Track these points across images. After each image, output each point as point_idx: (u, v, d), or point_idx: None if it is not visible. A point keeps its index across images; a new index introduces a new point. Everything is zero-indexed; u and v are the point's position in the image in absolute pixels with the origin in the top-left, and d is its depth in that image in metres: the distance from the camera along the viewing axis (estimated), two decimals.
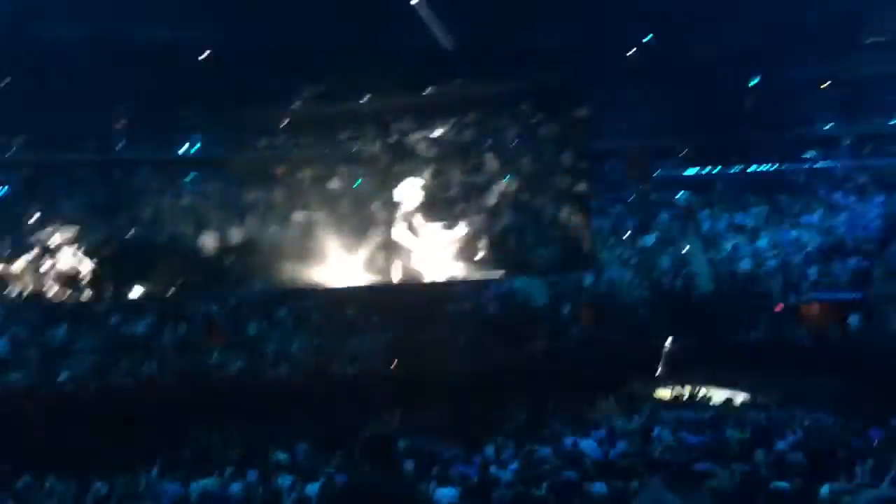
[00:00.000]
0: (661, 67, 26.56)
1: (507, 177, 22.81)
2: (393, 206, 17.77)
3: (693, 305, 22.47)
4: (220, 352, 19.30)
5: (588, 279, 23.52)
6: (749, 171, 27.74)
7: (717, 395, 16.92)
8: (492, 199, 21.76)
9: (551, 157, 22.98)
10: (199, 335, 20.21)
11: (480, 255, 18.48)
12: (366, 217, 18.39)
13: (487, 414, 14.12)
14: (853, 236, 23.12)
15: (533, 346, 19.81)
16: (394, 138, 19.31)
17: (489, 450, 10.79)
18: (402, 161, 19.22)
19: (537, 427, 12.27)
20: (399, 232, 16.81)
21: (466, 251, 18.27)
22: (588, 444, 10.82)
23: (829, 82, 27.99)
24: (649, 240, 25.45)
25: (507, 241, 20.62)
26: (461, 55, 21.05)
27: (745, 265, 23.55)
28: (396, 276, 17.60)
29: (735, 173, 28.04)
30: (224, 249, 18.45)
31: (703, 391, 17.21)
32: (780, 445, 10.35)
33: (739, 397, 16.69)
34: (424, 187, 18.50)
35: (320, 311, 21.19)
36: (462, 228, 17.61)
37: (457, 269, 17.52)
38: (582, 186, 22.34)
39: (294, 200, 18.86)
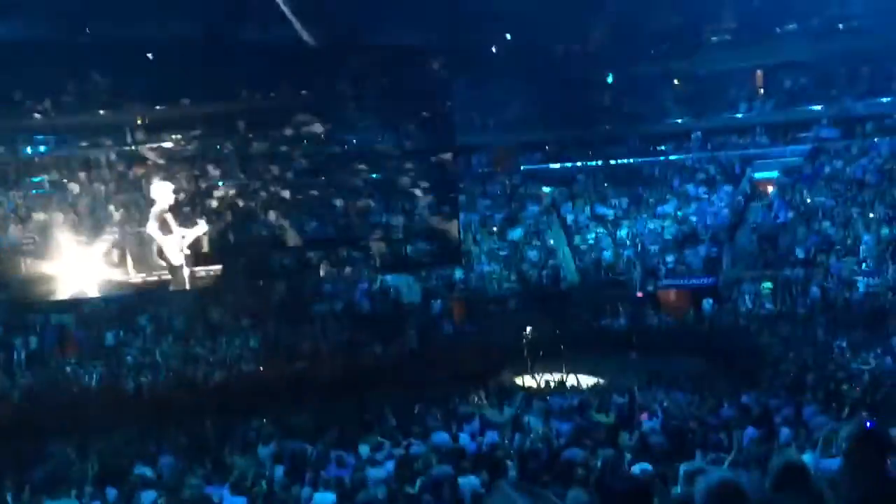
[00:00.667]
0: (523, 66, 27.32)
1: (375, 174, 22.86)
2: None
3: (559, 295, 23.16)
4: (74, 364, 18.27)
5: (458, 274, 23.79)
6: (609, 164, 28.84)
7: (584, 381, 17.51)
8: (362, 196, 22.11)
9: (420, 153, 23.17)
10: (51, 347, 19.05)
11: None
12: (108, 218, 19.11)
13: (361, 414, 14.01)
14: (704, 225, 24.44)
15: (405, 342, 19.85)
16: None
17: (363, 450, 10.68)
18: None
19: (411, 424, 12.26)
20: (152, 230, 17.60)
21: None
22: (462, 438, 10.92)
23: (679, 79, 29.58)
24: (517, 233, 26.00)
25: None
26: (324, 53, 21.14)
27: (606, 255, 24.46)
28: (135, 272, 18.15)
29: (596, 166, 29.12)
30: None
31: (570, 378, 17.74)
32: (644, 427, 10.80)
33: (604, 382, 17.32)
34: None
35: (183, 315, 20.45)
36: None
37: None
38: (450, 182, 22.65)
39: (34, 203, 19.22)
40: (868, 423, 3.15)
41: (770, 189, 25.44)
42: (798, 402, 12.22)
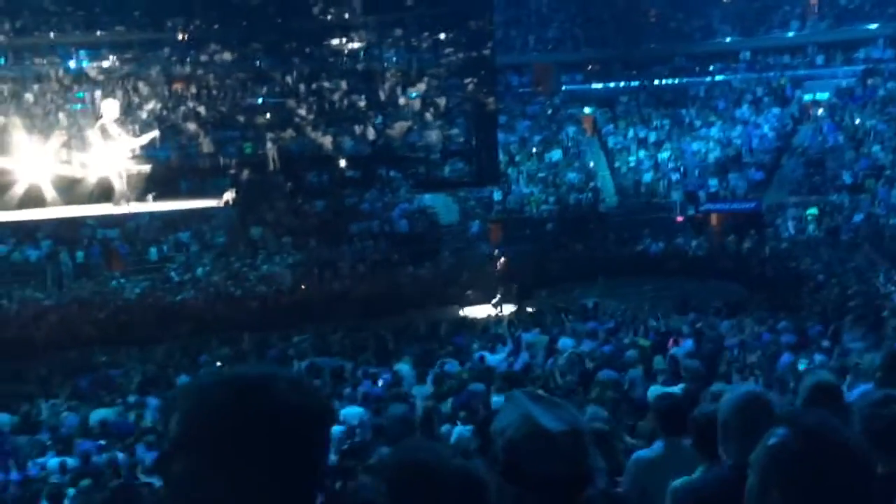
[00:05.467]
0: None
1: (414, 94, 22.63)
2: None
3: (597, 218, 22.94)
4: (119, 278, 18.70)
5: (496, 195, 23.64)
6: (653, 84, 28.13)
7: (619, 305, 17.45)
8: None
9: (458, 71, 22.83)
10: (98, 261, 19.48)
11: None
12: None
13: (396, 332, 14.20)
14: (749, 148, 23.87)
15: (441, 262, 19.93)
16: None
17: (402, 367, 10.84)
18: None
19: (443, 343, 12.41)
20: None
21: None
22: (494, 359, 11.02)
23: None
24: (556, 154, 25.65)
25: None
26: None
27: (647, 178, 24.09)
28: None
29: (639, 87, 28.42)
30: None
31: (605, 301, 17.70)
32: (678, 351, 10.77)
33: (640, 306, 17.25)
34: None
35: (226, 232, 20.69)
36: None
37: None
38: (489, 101, 22.32)
39: None
40: None
41: (820, 111, 24.69)
42: (836, 328, 12.08)
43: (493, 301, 17.68)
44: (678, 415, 3.81)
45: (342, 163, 21.31)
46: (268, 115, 22.11)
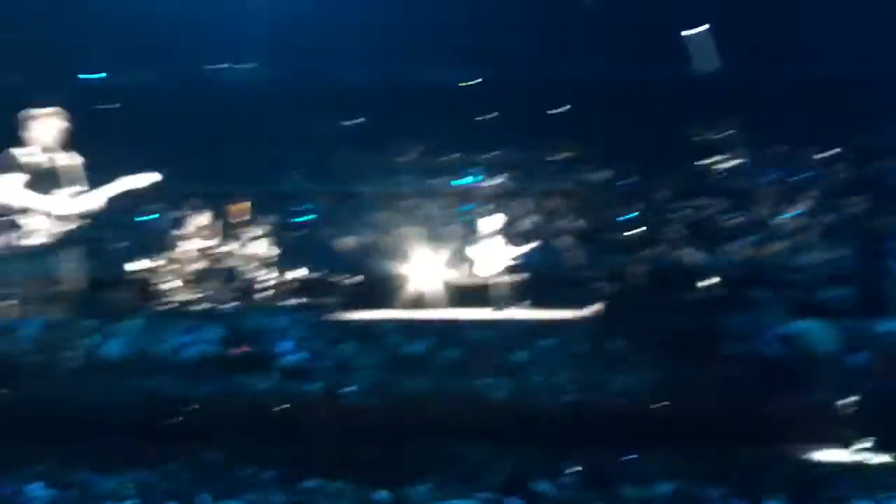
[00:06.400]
0: None
1: (793, 213, 21.47)
2: None
3: None
4: (486, 376, 19.84)
5: (888, 325, 21.10)
6: None
7: None
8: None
9: (843, 189, 21.30)
10: (471, 359, 20.91)
11: None
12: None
13: (760, 463, 13.15)
14: None
15: (816, 396, 18.12)
16: None
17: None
18: None
19: (816, 488, 11.20)
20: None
21: None
22: None
23: None
24: None
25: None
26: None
27: None
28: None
29: None
30: None
31: None
32: None
33: None
34: None
35: (589, 343, 21.02)
36: None
37: None
38: (879, 222, 20.40)
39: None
40: None
41: None
42: None
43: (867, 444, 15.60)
44: None
45: (712, 281, 20.81)
46: (638, 231, 22.55)
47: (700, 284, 21.12)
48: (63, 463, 14.20)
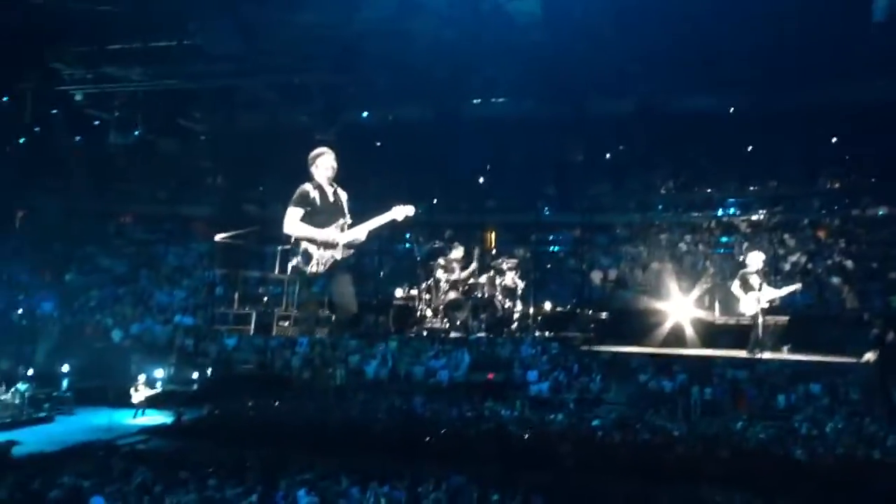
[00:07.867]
0: None
1: None
2: None
3: None
4: (744, 420, 18.66)
5: None
6: None
7: None
8: None
9: None
10: (725, 400, 19.79)
11: None
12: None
13: None
14: None
15: None
16: None
17: None
18: None
19: None
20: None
21: None
22: None
23: None
24: None
25: None
26: None
27: None
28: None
29: None
30: None
31: None
32: None
33: None
34: None
35: (863, 391, 19.10)
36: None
37: None
38: None
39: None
40: None
41: None
42: None
43: None
44: None
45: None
46: None
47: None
48: (325, 474, 15.34)
